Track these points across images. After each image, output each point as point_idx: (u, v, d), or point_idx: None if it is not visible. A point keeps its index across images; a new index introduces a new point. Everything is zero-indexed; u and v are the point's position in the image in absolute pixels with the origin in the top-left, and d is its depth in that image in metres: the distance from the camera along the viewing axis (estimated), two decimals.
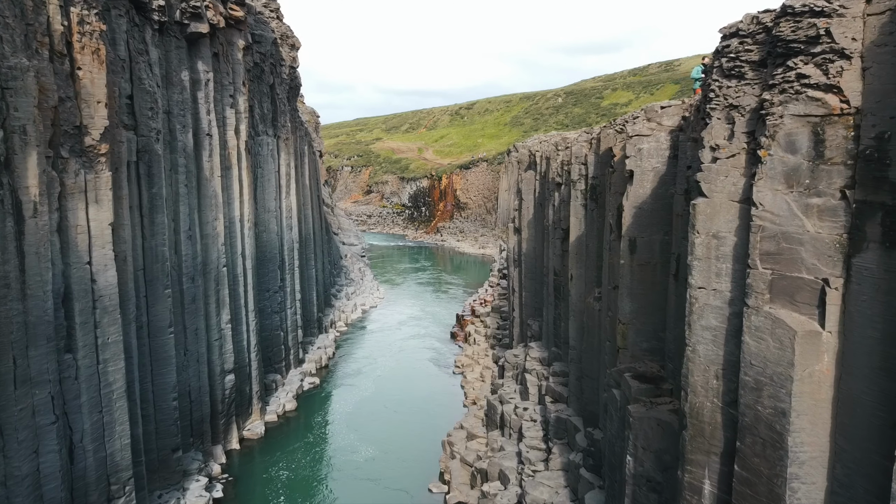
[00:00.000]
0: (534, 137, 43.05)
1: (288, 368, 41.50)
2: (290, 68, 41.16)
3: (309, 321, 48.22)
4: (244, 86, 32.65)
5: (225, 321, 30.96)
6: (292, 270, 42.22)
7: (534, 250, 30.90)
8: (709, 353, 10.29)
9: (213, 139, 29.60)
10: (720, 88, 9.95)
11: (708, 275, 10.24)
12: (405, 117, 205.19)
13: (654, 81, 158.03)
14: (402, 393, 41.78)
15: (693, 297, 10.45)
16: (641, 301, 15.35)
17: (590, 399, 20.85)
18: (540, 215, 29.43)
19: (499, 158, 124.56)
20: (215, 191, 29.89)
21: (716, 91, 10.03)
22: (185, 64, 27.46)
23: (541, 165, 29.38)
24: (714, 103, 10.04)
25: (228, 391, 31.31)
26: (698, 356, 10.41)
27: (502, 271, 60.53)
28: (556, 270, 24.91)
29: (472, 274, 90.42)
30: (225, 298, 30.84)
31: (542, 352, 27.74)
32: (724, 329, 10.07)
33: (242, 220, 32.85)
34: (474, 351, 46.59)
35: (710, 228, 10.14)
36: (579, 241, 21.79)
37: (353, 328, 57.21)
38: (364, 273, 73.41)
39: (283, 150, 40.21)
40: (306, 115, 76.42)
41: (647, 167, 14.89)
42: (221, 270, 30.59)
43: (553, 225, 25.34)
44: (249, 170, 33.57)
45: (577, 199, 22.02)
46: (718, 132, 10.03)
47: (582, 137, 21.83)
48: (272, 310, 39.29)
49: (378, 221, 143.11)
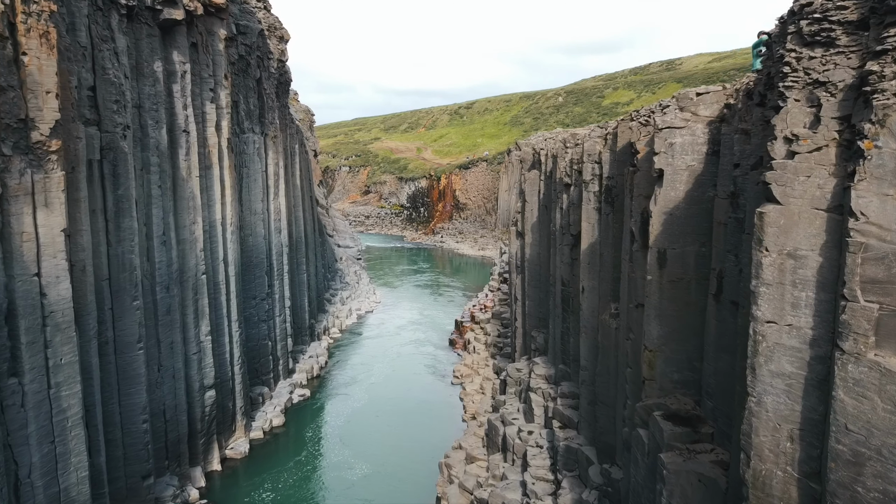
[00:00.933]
0: (538, 134, 40.70)
1: (277, 380, 39.14)
2: (278, 62, 38.81)
3: (300, 329, 45.87)
4: (226, 79, 30.29)
5: (204, 333, 28.62)
6: (281, 276, 39.87)
7: (538, 256, 28.58)
8: (780, 408, 7.99)
9: (190, 136, 27.25)
10: (798, 61, 7.64)
11: (780, 305, 7.93)
12: (404, 117, 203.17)
13: (655, 80, 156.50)
14: (398, 405, 39.46)
15: (759, 334, 8.13)
16: (672, 324, 13.04)
17: (605, 428, 18.52)
18: (546, 219, 27.12)
19: (499, 158, 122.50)
20: (193, 192, 27.55)
21: (791, 65, 7.73)
22: (159, 54, 25.10)
23: (546, 164, 27.05)
24: (789, 81, 7.73)
25: (208, 408, 28.96)
26: (765, 410, 8.11)
27: (503, 275, 58.19)
28: (565, 280, 22.59)
29: (472, 276, 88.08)
30: (204, 308, 28.50)
31: (548, 368, 25.41)
32: (804, 377, 7.77)
33: (225, 224, 30.50)
34: (474, 360, 44.25)
35: (785, 245, 7.83)
36: (592, 250, 19.47)
37: (347, 334, 54.86)
38: (360, 276, 71.06)
39: (271, 149, 37.85)
40: (300, 114, 74.11)
41: (680, 165, 12.58)
42: (200, 278, 28.25)
43: (561, 230, 23.02)
44: (233, 169, 31.22)
45: (589, 202, 19.68)
46: (797, 118, 7.73)
47: (595, 133, 19.49)
48: (259, 318, 36.94)
49: (376, 222, 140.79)
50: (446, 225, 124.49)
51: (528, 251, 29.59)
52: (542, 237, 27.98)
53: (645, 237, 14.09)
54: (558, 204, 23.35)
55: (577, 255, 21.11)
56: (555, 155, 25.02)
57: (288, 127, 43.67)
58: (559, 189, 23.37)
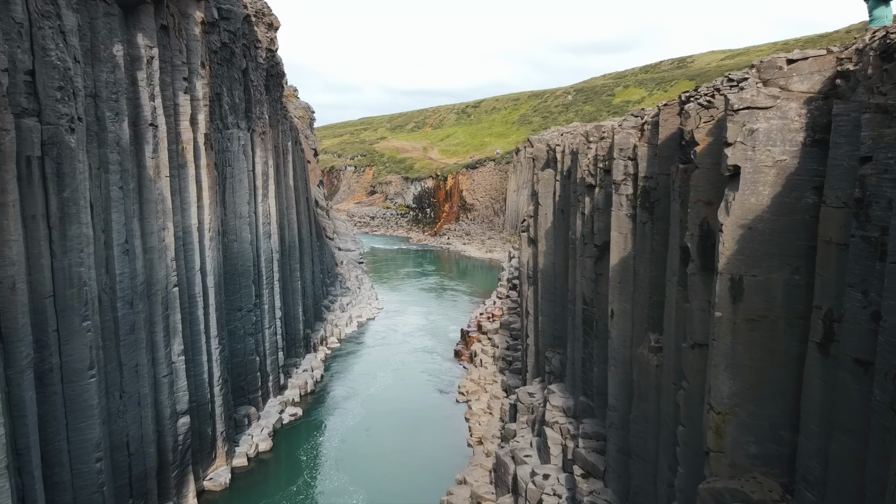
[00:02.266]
0: (551, 129, 37.25)
1: (266, 398, 35.91)
2: (267, 51, 35.58)
3: (294, 340, 42.63)
4: (203, 68, 27.06)
5: (177, 352, 25.41)
6: (271, 285, 36.63)
7: (553, 267, 25.21)
8: None
9: (159, 130, 24.03)
10: None
11: None
12: (410, 116, 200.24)
13: (667, 78, 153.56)
14: (398, 424, 36.19)
15: None
16: (750, 378, 9.71)
17: (641, 488, 15.11)
18: (563, 225, 23.74)
19: (507, 157, 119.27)
20: (163, 194, 24.33)
21: None
22: (119, 36, 21.88)
23: (563, 162, 23.65)
24: None
25: (182, 436, 25.76)
26: None
27: (512, 281, 54.77)
28: (587, 298, 19.21)
29: (479, 280, 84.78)
30: (177, 325, 25.30)
31: (566, 398, 22.02)
32: None
33: (202, 229, 27.28)
34: (480, 375, 40.90)
35: None
36: (624, 266, 16.11)
37: (346, 344, 51.60)
38: (361, 281, 67.80)
39: (259, 146, 34.60)
40: (300, 111, 70.99)
41: (765, 160, 9.22)
42: (172, 291, 25.03)
43: (582, 239, 19.62)
44: (212, 168, 28.00)
45: (620, 208, 16.28)
46: None
47: (628, 123, 16.04)
48: (246, 332, 33.72)
49: (381, 223, 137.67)
50: (453, 226, 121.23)
51: (542, 260, 26.21)
52: (557, 245, 24.59)
53: (707, 257, 10.75)
54: (579, 208, 19.95)
55: (603, 269, 17.75)
56: (574, 151, 21.62)
57: (280, 123, 40.44)
58: (580, 191, 19.98)
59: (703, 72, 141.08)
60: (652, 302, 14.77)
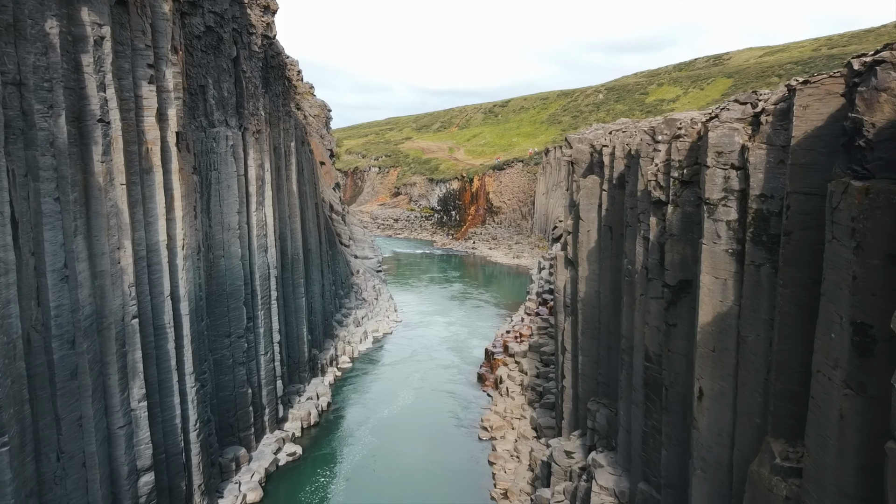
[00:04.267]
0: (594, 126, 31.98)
1: (260, 435, 31.44)
2: (263, 38, 31.08)
3: (297, 364, 38.16)
4: (176, 53, 22.60)
5: (137, 397, 21.00)
6: (268, 304, 32.15)
7: (598, 298, 20.18)
8: None
9: (111, 128, 19.61)
10: None
11: None
12: (436, 116, 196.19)
13: (703, 76, 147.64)
14: (412, 465, 31.52)
15: None
16: None
17: None
18: (612, 247, 18.73)
19: (536, 158, 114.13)
20: (117, 205, 19.91)
21: None
22: (53, 9, 17.46)
23: (613, 167, 18.60)
24: None
25: (144, 498, 21.31)
26: None
27: (542, 296, 49.64)
28: (651, 354, 14.22)
29: (506, 288, 79.79)
30: (136, 364, 20.89)
31: (618, 478, 16.99)
32: None
33: (173, 246, 22.85)
34: (507, 407, 35.96)
35: None
36: (722, 326, 11.12)
37: (359, 364, 47.03)
38: (379, 291, 63.23)
39: (252, 147, 30.13)
40: (315, 109, 66.72)
41: None
42: (130, 324, 20.62)
43: (645, 273, 14.59)
44: (187, 173, 23.54)
45: (717, 240, 11.16)
46: None
47: (731, 112, 10.96)
48: (236, 360, 29.27)
49: (405, 226, 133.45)
50: (479, 230, 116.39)
51: (584, 288, 21.19)
52: (604, 272, 19.59)
53: None
54: (639, 230, 14.96)
55: (679, 319, 12.73)
56: (632, 153, 16.51)
57: (282, 121, 35.95)
58: (642, 207, 14.99)
59: (741, 69, 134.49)
60: (775, 391, 9.72)
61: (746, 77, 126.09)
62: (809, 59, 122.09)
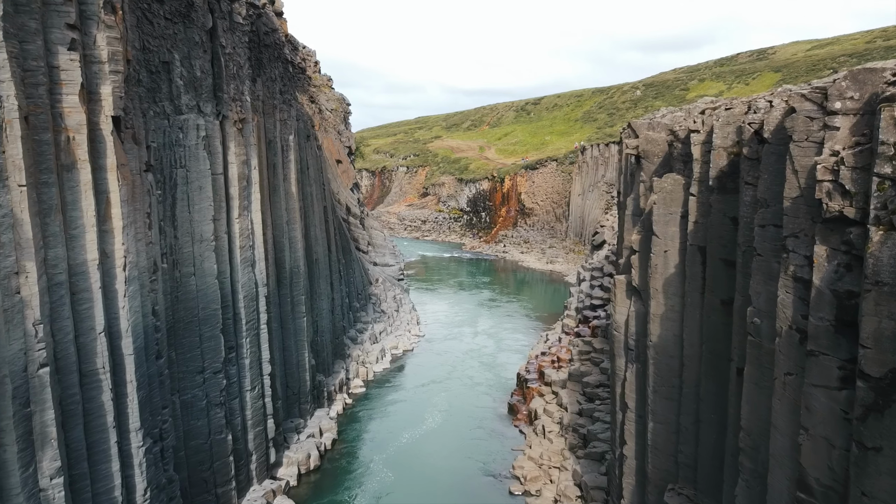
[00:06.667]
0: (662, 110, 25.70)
1: (243, 490, 25.97)
2: (250, 7, 25.60)
3: (296, 395, 32.66)
4: (114, 13, 17.16)
5: (50, 472, 15.60)
6: (255, 330, 26.69)
7: (678, 346, 14.21)
8: None
9: (2, 108, 14.20)
10: None
11: None
12: (467, 114, 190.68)
13: (747, 70, 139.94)
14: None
15: None
16: None
17: None
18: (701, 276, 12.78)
19: (570, 157, 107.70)
20: (17, 216, 14.51)
21: None
22: None
23: (710, 162, 12.58)
24: None
25: None
26: None
27: (582, 311, 43.46)
28: (815, 483, 8.18)
29: (539, 296, 73.73)
30: (47, 428, 15.49)
31: None
32: None
33: (110, 266, 17.43)
34: (544, 452, 29.94)
35: None
36: None
37: (374, 387, 41.46)
38: (400, 302, 57.63)
39: (234, 139, 24.67)
40: (333, 103, 61.41)
41: None
42: (37, 375, 15.21)
43: (798, 338, 8.67)
44: (127, 170, 18.10)
45: None
46: None
47: None
48: (211, 402, 23.85)
49: (433, 228, 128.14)
50: (510, 232, 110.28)
51: (657, 330, 15.18)
52: (690, 312, 13.68)
53: None
54: (786, 264, 8.96)
55: (885, 438, 6.99)
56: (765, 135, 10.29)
57: (278, 110, 30.45)
58: (794, 224, 9.02)
59: (789, 62, 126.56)
60: None
61: (796, 71, 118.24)
62: (865, 52, 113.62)
